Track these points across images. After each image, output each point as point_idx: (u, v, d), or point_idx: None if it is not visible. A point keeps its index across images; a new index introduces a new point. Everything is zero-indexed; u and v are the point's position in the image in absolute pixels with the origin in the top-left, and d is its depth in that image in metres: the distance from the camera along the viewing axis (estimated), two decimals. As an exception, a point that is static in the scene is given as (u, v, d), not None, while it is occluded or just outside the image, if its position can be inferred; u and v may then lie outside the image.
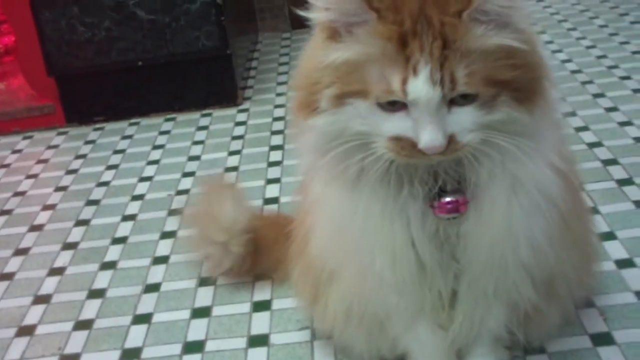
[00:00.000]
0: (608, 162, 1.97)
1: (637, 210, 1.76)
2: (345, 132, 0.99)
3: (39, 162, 2.42)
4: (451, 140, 0.96)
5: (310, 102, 1.00)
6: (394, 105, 0.95)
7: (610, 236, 1.67)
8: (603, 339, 1.39)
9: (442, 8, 0.93)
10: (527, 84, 0.98)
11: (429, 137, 0.94)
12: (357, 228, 1.10)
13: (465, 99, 0.95)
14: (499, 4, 0.92)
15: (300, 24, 1.01)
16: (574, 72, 2.57)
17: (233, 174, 2.17)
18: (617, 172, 1.93)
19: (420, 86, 0.92)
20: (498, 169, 1.04)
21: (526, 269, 1.13)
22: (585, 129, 2.16)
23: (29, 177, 2.32)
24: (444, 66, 0.92)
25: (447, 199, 1.06)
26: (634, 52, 2.70)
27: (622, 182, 1.88)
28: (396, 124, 0.96)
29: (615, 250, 1.62)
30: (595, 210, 1.75)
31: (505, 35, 0.94)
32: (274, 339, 1.50)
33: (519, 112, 0.98)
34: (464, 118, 0.96)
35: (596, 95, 2.38)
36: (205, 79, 2.62)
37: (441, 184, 1.06)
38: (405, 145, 0.97)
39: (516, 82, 0.96)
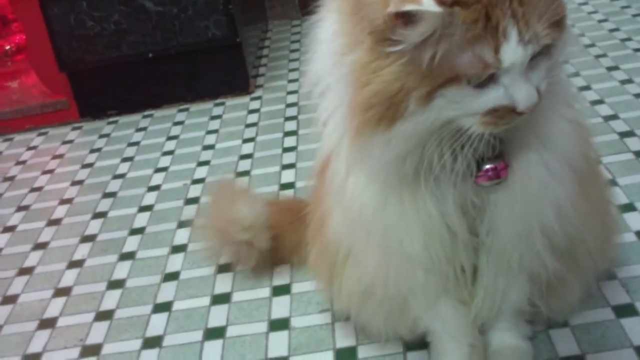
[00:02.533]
0: (625, 134, 1.96)
1: (656, 180, 1.75)
2: (435, 125, 0.96)
3: (55, 157, 2.43)
4: (537, 92, 0.96)
5: (391, 113, 0.95)
6: (484, 81, 0.93)
7: (629, 207, 1.66)
8: (626, 311, 1.38)
9: None
10: (564, 19, 0.97)
11: (526, 96, 0.94)
12: (387, 210, 1.09)
13: (540, 49, 0.94)
14: None
15: (310, 11, 1.00)
16: (587, 46, 2.54)
17: (248, 161, 2.16)
18: (634, 143, 1.91)
19: (513, 50, 0.91)
20: (530, 128, 1.04)
21: (551, 237, 1.12)
22: (600, 102, 2.14)
23: (45, 172, 2.33)
24: (527, 23, 0.91)
25: (487, 166, 1.05)
26: (647, 24, 2.68)
27: (640, 154, 1.86)
28: (490, 97, 0.94)
29: (635, 221, 1.61)
30: (613, 183, 1.73)
31: None
32: (295, 322, 1.50)
33: (560, 45, 0.98)
34: (540, 68, 0.96)
35: (610, 69, 2.36)
36: (216, 68, 2.62)
37: (480, 152, 1.04)
38: (504, 113, 0.95)
39: (562, 18, 0.96)
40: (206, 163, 2.20)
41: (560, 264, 1.17)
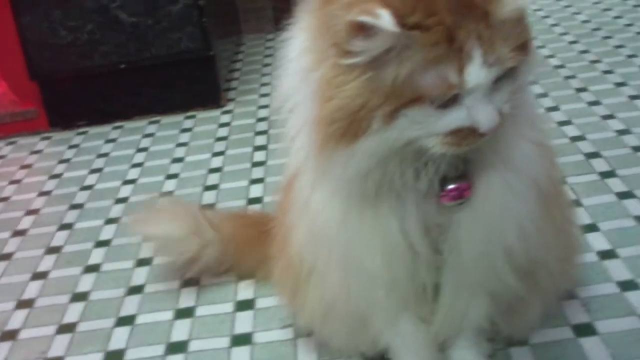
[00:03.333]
0: (590, 156, 1.98)
1: (619, 201, 1.76)
2: (397, 143, 0.97)
3: (23, 167, 2.41)
4: (500, 115, 0.97)
5: (353, 129, 0.96)
6: (447, 102, 0.94)
7: (592, 228, 1.67)
8: (585, 330, 1.39)
9: None
10: (530, 42, 0.99)
11: (488, 118, 0.95)
12: (348, 227, 1.10)
13: (503, 72, 0.95)
14: None
15: (285, 26, 1.01)
16: (557, 67, 2.57)
17: (217, 174, 2.17)
18: (600, 165, 1.93)
19: (477, 71, 0.92)
20: (493, 150, 1.05)
21: (513, 256, 1.13)
22: (568, 122, 2.16)
23: (12, 182, 2.31)
24: (492, 45, 0.92)
25: (451, 186, 1.06)
26: (617, 47, 2.70)
27: (605, 175, 1.88)
28: (452, 118, 0.95)
29: (597, 241, 1.63)
30: (578, 203, 1.75)
31: None
32: (257, 337, 1.50)
33: (525, 68, 0.99)
34: (503, 90, 0.97)
35: (579, 90, 2.38)
36: (188, 81, 2.62)
37: (443, 172, 1.05)
38: (465, 134, 0.96)
39: (527, 42, 0.97)
40: (175, 176, 2.20)
41: (521, 284, 1.18)
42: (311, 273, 1.25)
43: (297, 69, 1.03)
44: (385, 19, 0.87)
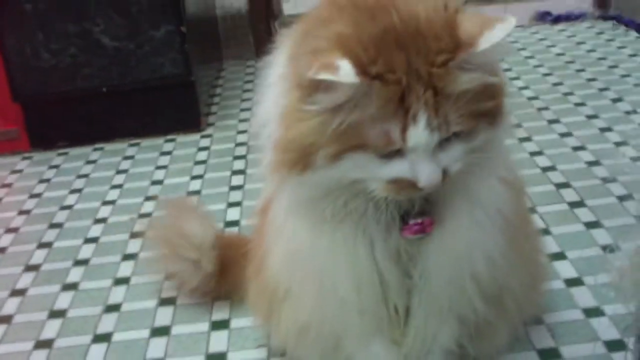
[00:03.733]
0: (561, 186, 2.03)
1: (587, 231, 1.81)
2: (342, 181, 1.03)
3: (3, 186, 2.44)
4: (444, 173, 1.01)
5: (302, 161, 1.01)
6: (391, 152, 0.99)
7: (560, 256, 1.72)
8: (550, 354, 1.44)
9: (428, 60, 0.96)
10: (497, 109, 1.03)
11: (428, 175, 0.99)
12: (320, 257, 1.14)
13: (454, 135, 1.00)
14: (483, 58, 0.97)
15: (265, 52, 1.04)
16: (530, 98, 2.63)
17: (195, 197, 2.20)
18: (569, 195, 1.98)
19: (420, 133, 0.96)
20: (459, 189, 1.10)
21: (480, 283, 1.18)
22: (539, 153, 2.22)
23: (-8, 201, 2.34)
24: (438, 112, 0.96)
25: (414, 221, 1.11)
26: (589, 80, 2.77)
27: (574, 205, 1.93)
28: (394, 168, 1.00)
29: (565, 269, 1.67)
30: (547, 232, 1.80)
31: (485, 74, 0.98)
32: (232, 357, 1.53)
33: (491, 132, 1.04)
34: (453, 151, 1.01)
35: (551, 121, 2.44)
36: (169, 105, 2.66)
37: (407, 207, 1.10)
38: (405, 185, 1.01)
39: (492, 110, 1.02)
40: (154, 198, 2.23)
41: (488, 309, 1.23)
42: (286, 295, 1.29)
43: (275, 94, 1.07)
44: (345, 72, 0.93)
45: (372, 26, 0.98)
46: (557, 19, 3.48)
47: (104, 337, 1.63)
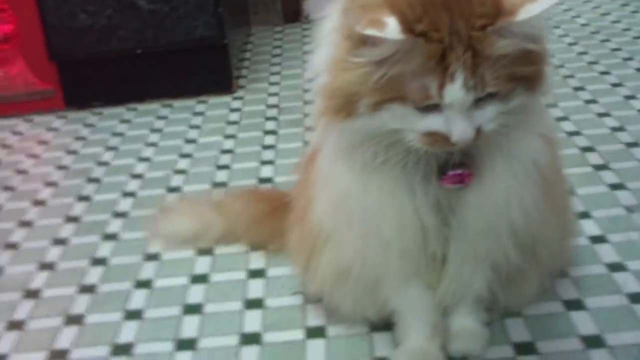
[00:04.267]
0: (586, 149, 2.09)
1: (610, 192, 1.87)
2: (381, 130, 1.10)
3: (40, 142, 2.51)
4: (478, 131, 1.07)
5: (346, 108, 1.08)
6: (429, 106, 1.05)
7: (585, 215, 1.78)
8: (574, 305, 1.50)
9: (470, 23, 1.02)
10: (536, 75, 1.09)
11: (461, 131, 1.05)
12: (367, 201, 1.21)
13: (489, 96, 1.06)
14: (522, 27, 1.02)
15: (293, 19, 1.09)
16: (557, 67, 2.67)
17: (229, 155, 2.27)
18: (593, 158, 2.04)
19: (457, 91, 1.02)
20: (498, 144, 1.16)
21: (515, 233, 1.24)
22: (565, 119, 2.27)
23: (30, 156, 2.41)
24: (475, 73, 1.02)
25: (454, 172, 1.17)
26: (614, 49, 2.81)
27: (598, 167, 1.99)
28: (430, 122, 1.06)
29: (589, 227, 1.73)
30: (572, 192, 1.85)
31: (525, 42, 1.04)
32: (269, 302, 1.60)
33: (528, 97, 1.10)
34: (488, 111, 1.07)
35: (576, 89, 2.49)
36: (201, 67, 2.72)
37: (445, 159, 1.16)
38: (439, 138, 1.07)
39: (530, 75, 1.08)
40: (188, 156, 2.30)
41: (521, 258, 1.29)
42: (328, 240, 1.36)
43: (327, 44, 1.13)
44: (391, 28, 0.99)
45: None
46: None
47: (145, 284, 1.70)
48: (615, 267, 1.60)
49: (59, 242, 1.90)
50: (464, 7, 1.02)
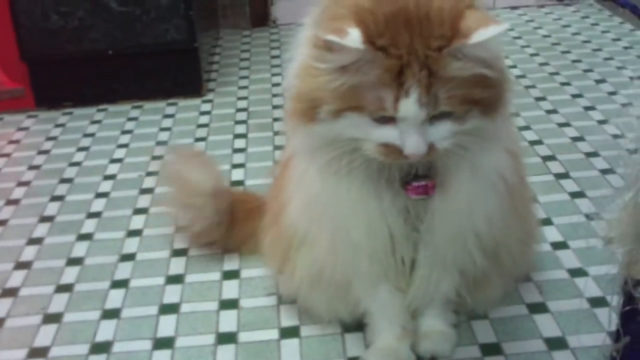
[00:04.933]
0: (547, 158, 2.17)
1: (571, 200, 1.95)
2: (340, 137, 1.16)
3: (10, 142, 2.53)
4: (430, 147, 1.13)
5: (310, 113, 1.15)
6: (384, 118, 1.11)
7: (547, 222, 1.85)
8: (538, 308, 1.57)
9: (427, 43, 1.08)
10: (493, 100, 1.15)
11: (413, 145, 1.11)
12: (337, 205, 1.27)
13: (443, 115, 1.12)
14: (476, 51, 1.08)
15: (261, 23, 1.13)
16: (518, 77, 2.75)
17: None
18: (555, 167, 2.12)
19: (411, 106, 1.08)
20: (462, 159, 1.22)
21: (480, 239, 1.31)
22: (527, 128, 2.35)
23: (1, 155, 2.43)
24: (429, 91, 1.09)
25: (418, 183, 1.23)
26: (574, 61, 2.90)
27: (559, 176, 2.07)
28: (385, 133, 1.12)
29: (551, 234, 1.81)
30: (535, 200, 1.92)
31: (479, 66, 1.10)
32: (243, 303, 1.65)
33: (485, 121, 1.16)
34: (442, 129, 1.13)
35: (538, 99, 2.57)
36: (171, 69, 2.76)
37: (413, 170, 1.23)
38: (393, 150, 1.13)
39: (485, 99, 1.14)
40: (160, 157, 2.32)
41: (486, 262, 1.36)
42: (301, 243, 1.41)
43: (300, 55, 1.20)
44: (353, 38, 1.06)
45: (389, 4, 1.10)
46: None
47: (122, 283, 1.74)
48: (576, 272, 1.67)
49: (34, 241, 1.93)
50: (424, 28, 1.09)
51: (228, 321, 1.60)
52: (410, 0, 1.10)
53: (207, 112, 2.65)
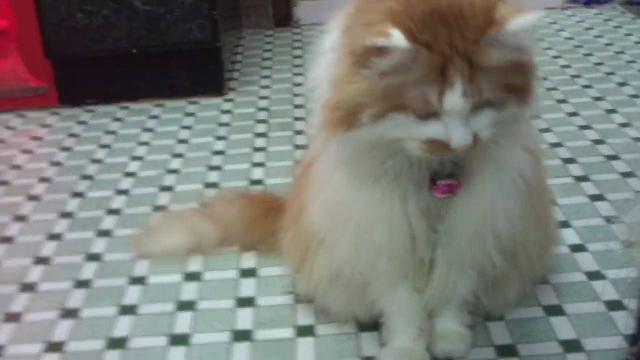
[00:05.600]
0: (567, 161, 2.16)
1: (591, 203, 1.94)
2: (382, 140, 1.16)
3: (34, 139, 2.55)
4: (475, 138, 1.13)
5: (349, 120, 1.14)
6: (428, 115, 1.11)
7: (566, 225, 1.84)
8: (554, 311, 1.57)
9: (465, 36, 1.09)
10: (527, 87, 1.16)
11: (460, 138, 1.11)
12: (362, 208, 1.27)
13: (484, 105, 1.12)
14: (512, 39, 1.09)
15: (283, 23, 1.14)
16: (541, 79, 2.73)
17: (220, 157, 2.33)
18: (575, 170, 2.11)
19: (456, 98, 1.09)
20: (487, 156, 1.22)
21: (500, 241, 1.31)
22: (548, 130, 2.34)
23: (24, 152, 2.45)
24: (472, 82, 1.09)
25: (443, 182, 1.23)
26: (597, 64, 2.89)
27: (579, 179, 2.06)
28: (430, 129, 1.12)
29: (570, 236, 1.80)
30: (555, 202, 1.92)
31: (514, 53, 1.11)
32: (260, 301, 1.66)
33: (520, 108, 1.17)
34: (484, 119, 1.13)
35: (560, 101, 2.57)
36: (194, 69, 2.77)
37: (437, 169, 1.23)
38: (439, 146, 1.13)
39: (521, 86, 1.15)
40: (181, 156, 2.35)
41: (505, 264, 1.36)
42: (322, 244, 1.43)
43: (327, 62, 1.20)
44: (398, 38, 1.06)
45: (421, 4, 1.10)
46: (589, 2, 3.59)
47: (140, 280, 1.75)
48: (594, 276, 1.67)
49: (54, 237, 1.95)
50: (460, 22, 1.09)
51: (244, 319, 1.61)
52: (442, 0, 1.11)
53: (229, 111, 2.67)
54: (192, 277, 1.75)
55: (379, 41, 1.06)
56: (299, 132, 2.44)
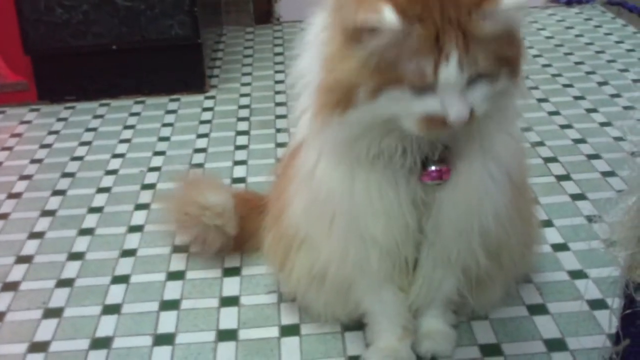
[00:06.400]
0: (549, 160, 2.17)
1: (572, 202, 1.95)
2: (379, 118, 1.14)
3: (13, 135, 2.53)
4: (471, 112, 1.12)
5: (345, 100, 1.12)
6: (424, 89, 1.10)
7: (548, 223, 1.85)
8: (538, 309, 1.57)
9: (458, 7, 1.07)
10: (517, 59, 1.15)
11: (457, 111, 1.10)
12: (353, 198, 1.25)
13: (479, 77, 1.10)
14: (505, 15, 1.07)
15: (264, 20, 1.13)
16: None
17: (202, 154, 2.32)
18: (556, 168, 2.12)
19: (451, 70, 1.07)
20: (476, 140, 1.22)
21: (486, 238, 1.31)
22: (529, 129, 2.35)
23: (4, 149, 2.43)
24: (467, 53, 1.07)
25: (433, 168, 1.23)
26: (577, 63, 2.91)
27: (561, 178, 2.07)
28: (427, 104, 1.10)
29: (552, 235, 1.81)
30: (537, 201, 1.93)
31: (507, 24, 1.09)
32: (244, 300, 1.65)
33: (510, 81, 1.15)
34: (479, 92, 1.11)
35: (540, 100, 2.58)
36: (175, 65, 2.76)
37: (428, 153, 1.22)
38: (436, 121, 1.11)
39: (512, 58, 1.13)
40: (162, 153, 2.34)
41: (489, 263, 1.36)
42: (303, 243, 1.42)
43: (316, 45, 1.19)
44: (388, 14, 1.04)
45: None
46: (570, 1, 3.61)
47: (122, 279, 1.74)
48: (577, 274, 1.68)
49: (36, 235, 1.94)
50: None
51: (229, 318, 1.60)
52: None
53: (210, 109, 2.66)
54: (176, 276, 1.74)
55: (370, 17, 1.05)
56: (280, 130, 2.44)
